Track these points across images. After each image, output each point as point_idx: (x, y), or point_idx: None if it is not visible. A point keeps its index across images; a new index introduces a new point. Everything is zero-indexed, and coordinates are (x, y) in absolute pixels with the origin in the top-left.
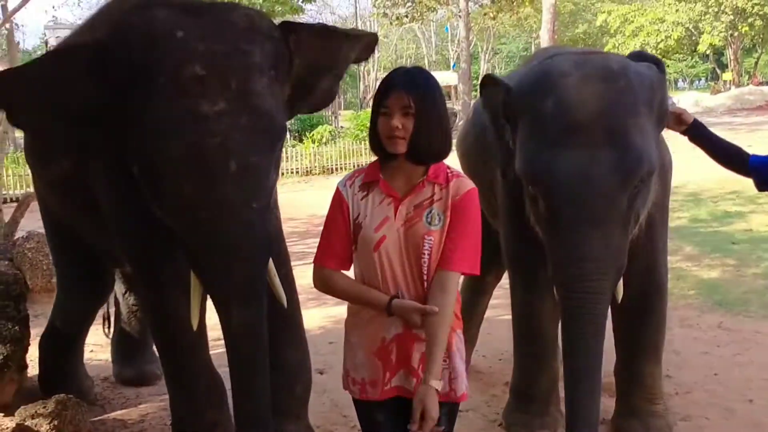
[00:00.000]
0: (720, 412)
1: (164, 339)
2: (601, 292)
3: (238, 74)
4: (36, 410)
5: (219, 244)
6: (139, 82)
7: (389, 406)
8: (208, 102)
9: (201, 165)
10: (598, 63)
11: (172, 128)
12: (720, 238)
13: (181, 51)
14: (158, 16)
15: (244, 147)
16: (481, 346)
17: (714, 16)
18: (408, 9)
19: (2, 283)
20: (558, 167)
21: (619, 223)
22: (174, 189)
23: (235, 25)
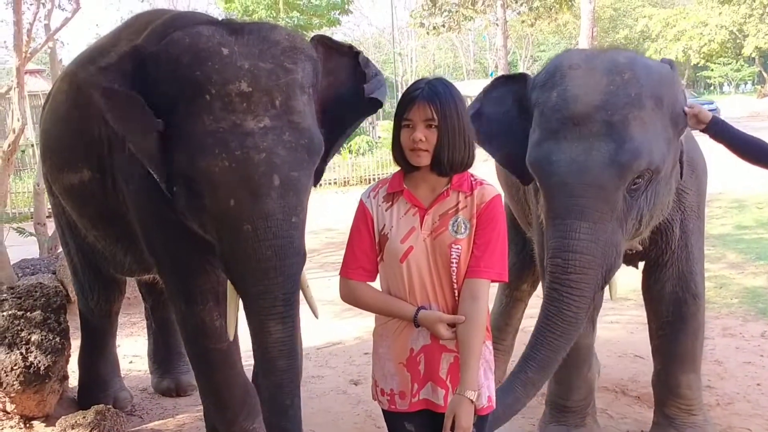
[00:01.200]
0: (763, 424)
1: (197, 351)
2: (582, 287)
3: (281, 92)
4: (76, 420)
5: (261, 258)
6: (185, 97)
7: (418, 418)
8: (253, 118)
9: (246, 179)
10: (607, 57)
11: (218, 143)
12: (765, 244)
13: (228, 68)
14: (204, 33)
15: (287, 162)
16: (517, 356)
17: (759, 18)
18: (445, 18)
19: (44, 295)
20: (556, 157)
21: (611, 217)
22: (218, 202)
23: (278, 43)
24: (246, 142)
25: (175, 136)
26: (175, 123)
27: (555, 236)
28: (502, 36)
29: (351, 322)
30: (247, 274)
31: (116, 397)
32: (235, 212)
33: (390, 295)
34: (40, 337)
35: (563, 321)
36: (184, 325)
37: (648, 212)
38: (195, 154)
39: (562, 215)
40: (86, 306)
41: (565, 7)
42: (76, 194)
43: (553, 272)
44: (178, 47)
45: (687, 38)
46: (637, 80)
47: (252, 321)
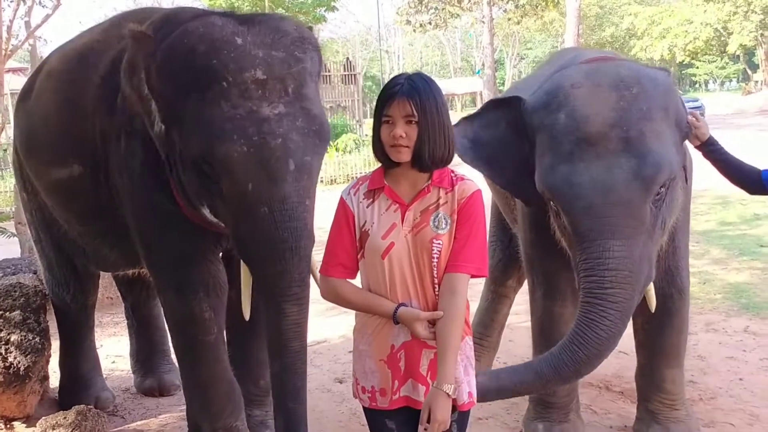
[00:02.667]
0: (745, 418)
1: (184, 342)
2: (621, 302)
3: (293, 79)
4: (57, 421)
5: (278, 239)
6: (201, 84)
7: (399, 415)
8: (268, 105)
9: (264, 163)
10: (609, 71)
11: (237, 129)
12: (748, 241)
13: (243, 56)
14: (217, 23)
15: (300, 147)
16: (502, 353)
17: (743, 15)
18: (431, 16)
19: (23, 295)
20: (576, 180)
21: (642, 231)
22: (236, 186)
23: (288, 34)
24: (263, 128)
25: (189, 122)
26: (190, 110)
27: (588, 257)
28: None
29: (336, 320)
30: (264, 256)
31: (98, 397)
32: (252, 196)
33: (370, 292)
34: (20, 338)
35: (596, 336)
36: (172, 316)
37: (669, 218)
38: (214, 140)
39: (592, 237)
40: (62, 300)
41: (551, 5)
42: (63, 189)
43: (588, 289)
44: (193, 37)
45: (672, 36)
46: (646, 93)
47: (267, 303)
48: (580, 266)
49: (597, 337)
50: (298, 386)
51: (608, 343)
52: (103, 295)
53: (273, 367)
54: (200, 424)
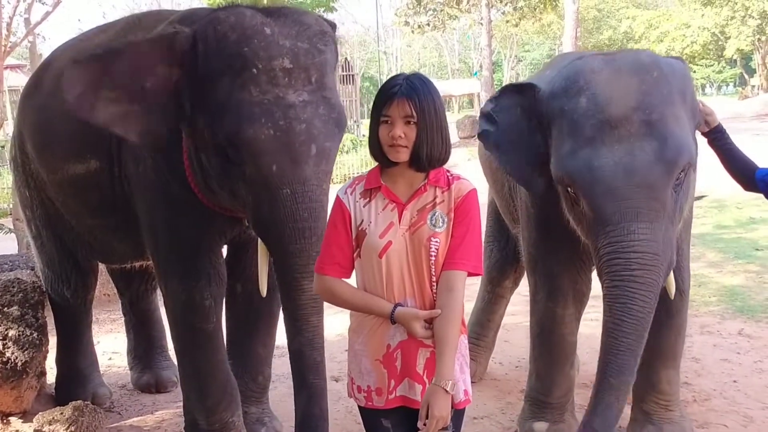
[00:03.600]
0: (738, 420)
1: (183, 330)
2: (648, 283)
3: (316, 69)
4: (53, 416)
5: (299, 219)
6: (232, 70)
7: (395, 415)
8: (294, 92)
9: (289, 146)
10: (628, 58)
11: (265, 113)
12: (743, 244)
13: (272, 46)
14: (247, 14)
15: (322, 133)
16: (498, 353)
17: (740, 20)
18: (429, 17)
19: (21, 291)
20: (598, 163)
21: (664, 215)
22: (260, 168)
23: (311, 26)
24: (289, 113)
25: (217, 106)
26: (220, 93)
27: (611, 241)
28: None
29: (331, 319)
30: (284, 234)
31: (95, 393)
32: (276, 177)
33: (366, 291)
34: (18, 333)
35: (632, 318)
36: (173, 302)
37: (686, 205)
38: (242, 122)
39: (615, 220)
40: (61, 296)
41: (549, 8)
42: (80, 184)
43: (614, 272)
44: (225, 25)
45: (670, 40)
46: (666, 78)
47: (286, 280)
48: (602, 250)
49: (635, 320)
50: (318, 360)
51: (645, 323)
52: (100, 292)
53: (293, 343)
54: (197, 417)
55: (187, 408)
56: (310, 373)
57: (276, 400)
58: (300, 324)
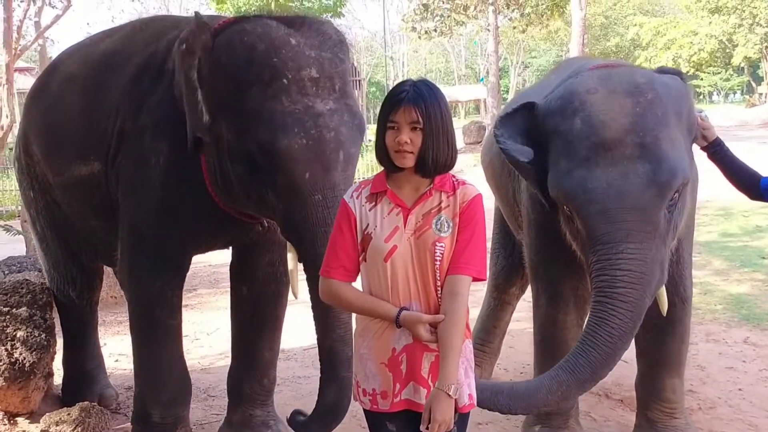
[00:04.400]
0: (743, 428)
1: (147, 323)
2: (631, 302)
3: (340, 78)
4: (60, 417)
5: (330, 223)
6: (262, 81)
7: (400, 418)
8: (321, 101)
9: (320, 154)
10: (623, 77)
11: (297, 122)
12: (750, 252)
13: (299, 56)
14: (272, 25)
15: (348, 140)
16: (503, 359)
17: (748, 28)
18: (436, 23)
19: (30, 292)
20: (592, 185)
21: (656, 236)
22: (294, 176)
23: (331, 37)
24: (319, 122)
25: (245, 115)
26: (249, 104)
27: (600, 259)
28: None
29: None
30: (317, 238)
31: (101, 394)
32: (309, 184)
33: (372, 295)
34: (26, 334)
35: (606, 332)
36: (139, 295)
37: (680, 223)
38: (276, 132)
39: (606, 241)
40: (67, 297)
41: (556, 14)
42: (84, 185)
43: (599, 288)
44: (253, 35)
45: (677, 47)
46: (660, 99)
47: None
48: (592, 267)
49: (609, 335)
50: (350, 356)
51: (620, 343)
52: (107, 294)
53: (326, 340)
54: (150, 410)
55: (139, 400)
56: (343, 368)
57: (281, 403)
58: (333, 321)
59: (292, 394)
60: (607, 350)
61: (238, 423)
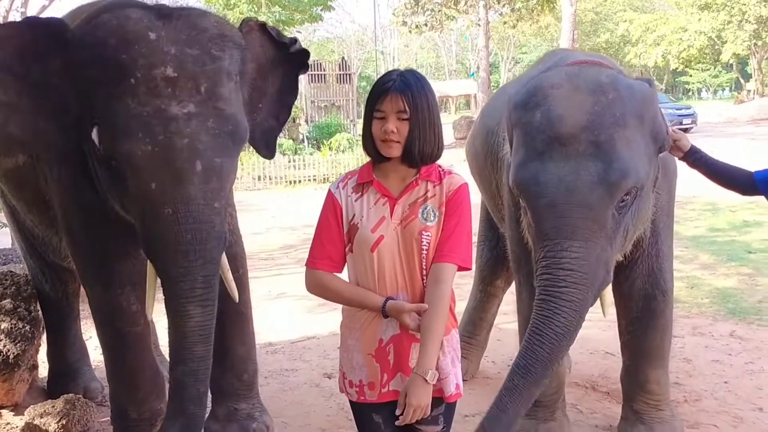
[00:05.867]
0: (729, 420)
1: (112, 334)
2: (573, 301)
3: (207, 78)
4: (45, 409)
5: (181, 242)
6: (110, 80)
7: (386, 409)
8: (178, 103)
9: (168, 163)
10: (589, 76)
11: (142, 127)
12: (736, 247)
13: (154, 52)
14: (132, 17)
15: (210, 149)
16: (490, 352)
17: (737, 25)
18: (427, 17)
19: (14, 284)
20: (543, 178)
21: (601, 236)
22: (139, 185)
23: (206, 30)
24: (170, 127)
25: (98, 117)
26: (99, 104)
27: (545, 255)
28: (484, 37)
29: (325, 316)
30: (167, 256)
31: (86, 387)
32: (156, 195)
33: (358, 285)
34: (10, 326)
35: (552, 331)
36: (100, 309)
37: (632, 227)
38: (118, 137)
39: (552, 236)
40: (42, 289)
41: (546, 10)
42: (13, 179)
43: (543, 286)
44: (105, 29)
45: (666, 43)
46: (621, 100)
47: (171, 304)
48: (539, 263)
49: (553, 333)
50: (201, 391)
51: (565, 341)
52: None
53: (175, 371)
54: (127, 408)
55: (115, 399)
56: (190, 403)
57: (268, 396)
58: (185, 354)
59: (279, 386)
60: (554, 347)
61: (223, 417)
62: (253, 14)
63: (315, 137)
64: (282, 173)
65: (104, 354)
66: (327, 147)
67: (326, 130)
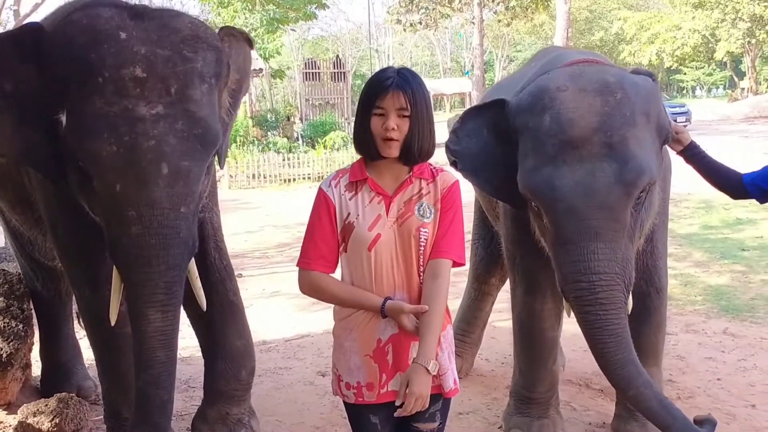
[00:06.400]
0: (721, 417)
1: (103, 335)
2: (614, 302)
3: (178, 79)
4: (38, 408)
5: (144, 246)
6: (78, 78)
7: (383, 410)
8: (145, 104)
9: (133, 165)
10: (594, 76)
11: (107, 127)
12: (730, 244)
13: (123, 52)
14: (103, 15)
15: (177, 151)
16: (484, 349)
17: (731, 23)
18: (422, 16)
19: (7, 282)
20: (559, 182)
21: (623, 234)
22: (105, 187)
23: (179, 31)
24: (136, 128)
25: (67, 115)
26: (68, 103)
27: (571, 260)
28: (479, 35)
29: (319, 315)
30: (129, 260)
31: (80, 386)
32: (120, 198)
33: (353, 285)
34: (3, 324)
35: (613, 336)
36: (89, 310)
37: (646, 221)
38: (84, 137)
39: (575, 239)
40: (35, 288)
41: (541, 8)
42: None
43: (581, 296)
44: (75, 28)
45: (661, 41)
46: (629, 99)
47: (132, 309)
48: (565, 268)
49: (616, 336)
50: (165, 399)
51: (626, 336)
52: None
53: (138, 380)
54: (119, 408)
55: (107, 400)
56: (154, 414)
57: (262, 394)
58: (145, 359)
59: (273, 385)
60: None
61: (213, 419)
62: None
63: (309, 135)
64: (276, 171)
65: (95, 355)
66: (321, 145)
67: (321, 128)
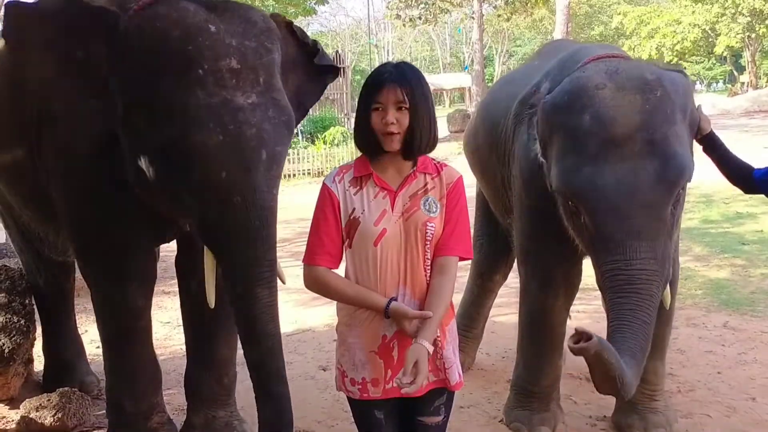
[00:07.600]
0: (722, 410)
1: (117, 329)
2: (650, 295)
3: (264, 70)
4: (40, 403)
5: (250, 228)
6: (175, 70)
7: (387, 405)
8: (242, 94)
9: (238, 152)
10: (632, 73)
11: (213, 117)
12: (730, 238)
13: (218, 44)
14: (190, 9)
15: (272, 137)
16: (485, 344)
17: (731, 17)
18: (421, 11)
19: (9, 278)
20: (601, 181)
21: (664, 232)
22: (209, 175)
23: (257, 24)
24: (238, 117)
25: (159, 108)
26: (162, 95)
27: (615, 258)
28: (479, 30)
29: (320, 309)
30: (236, 243)
31: (82, 381)
32: (226, 184)
33: (357, 280)
34: (5, 320)
35: (640, 322)
36: (105, 304)
37: (681, 216)
38: (189, 127)
39: (617, 238)
40: (37, 284)
41: (540, 3)
42: (10, 174)
43: (618, 286)
44: (166, 20)
45: (660, 36)
46: (669, 96)
47: (239, 289)
48: (606, 266)
49: (642, 323)
50: (281, 368)
51: (650, 330)
52: None
53: (251, 354)
54: (124, 402)
55: (112, 393)
56: (274, 383)
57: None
58: (259, 333)
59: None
60: (645, 338)
61: (200, 425)
62: None
63: (309, 131)
64: None
65: (104, 348)
66: (321, 141)
67: (320, 124)
